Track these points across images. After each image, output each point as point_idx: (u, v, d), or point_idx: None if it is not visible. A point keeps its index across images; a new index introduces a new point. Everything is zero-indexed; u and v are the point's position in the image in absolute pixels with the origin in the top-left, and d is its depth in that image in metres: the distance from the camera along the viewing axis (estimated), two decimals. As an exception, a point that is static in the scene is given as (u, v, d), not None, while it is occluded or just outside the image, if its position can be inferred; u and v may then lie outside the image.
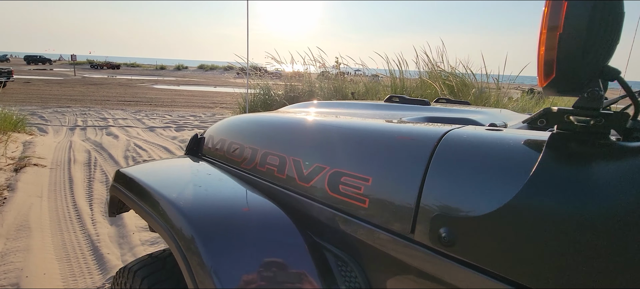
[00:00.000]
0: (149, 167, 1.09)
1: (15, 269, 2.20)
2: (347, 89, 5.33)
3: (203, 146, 1.20)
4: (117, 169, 1.07)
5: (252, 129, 1.03)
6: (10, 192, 3.50)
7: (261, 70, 7.31)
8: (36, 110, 10.53)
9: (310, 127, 0.86)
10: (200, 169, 1.02)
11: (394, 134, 0.67)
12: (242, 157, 0.94)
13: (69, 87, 19.26)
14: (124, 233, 2.88)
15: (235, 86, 24.46)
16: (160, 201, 0.78)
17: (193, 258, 0.63)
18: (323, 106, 1.39)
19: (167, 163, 1.15)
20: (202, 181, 0.91)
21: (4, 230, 2.75)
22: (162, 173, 1.02)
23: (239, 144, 0.98)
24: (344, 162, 0.68)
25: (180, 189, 0.83)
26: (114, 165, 4.95)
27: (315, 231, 0.71)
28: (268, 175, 0.85)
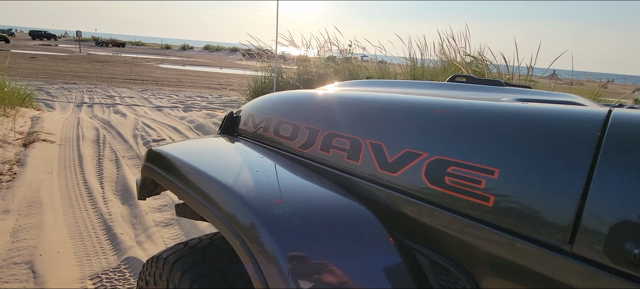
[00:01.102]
0: (188, 147, 0.98)
1: (29, 246, 2.14)
2: (362, 73, 5.17)
3: (239, 125, 1.09)
4: (149, 148, 0.97)
5: (310, 107, 0.91)
6: (20, 168, 3.45)
7: (268, 52, 7.14)
8: (43, 86, 10.44)
9: (395, 106, 0.73)
10: (248, 151, 0.91)
11: (531, 116, 0.55)
12: (296, 138, 0.83)
13: (75, 63, 19.12)
14: (137, 213, 2.81)
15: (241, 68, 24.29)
16: (213, 185, 0.68)
17: (261, 253, 0.53)
18: (379, 84, 1.26)
19: (206, 143, 1.05)
20: (257, 165, 0.81)
21: (15, 205, 2.69)
22: (206, 154, 0.92)
23: (291, 124, 0.87)
24: (453, 149, 0.56)
25: (235, 173, 0.73)
26: (123, 143, 4.88)
27: (400, 228, 0.61)
28: (334, 160, 0.74)
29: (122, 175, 3.64)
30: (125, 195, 3.17)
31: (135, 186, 3.31)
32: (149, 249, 2.30)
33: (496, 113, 0.58)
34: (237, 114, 1.14)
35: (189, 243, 0.88)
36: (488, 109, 0.60)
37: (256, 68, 6.97)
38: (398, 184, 0.61)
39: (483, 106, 0.62)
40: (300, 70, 5.27)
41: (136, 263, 2.12)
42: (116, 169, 3.86)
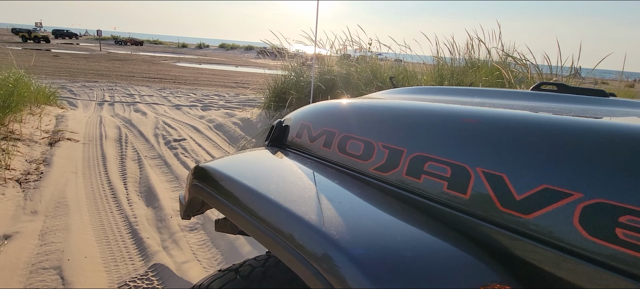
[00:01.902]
0: (241, 164, 0.88)
1: (57, 250, 2.11)
2: (385, 73, 5.01)
3: (289, 136, 0.99)
4: (197, 165, 0.87)
5: (388, 121, 0.77)
6: (46, 167, 3.46)
7: (282, 51, 7.05)
8: (66, 84, 10.68)
9: (514, 126, 0.58)
10: (309, 170, 0.80)
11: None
12: (371, 158, 0.72)
13: (95, 62, 19.56)
14: (162, 216, 2.77)
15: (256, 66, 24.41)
16: (284, 214, 0.57)
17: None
18: (447, 93, 1.11)
19: (258, 158, 0.93)
20: (327, 189, 0.69)
21: (43, 207, 2.68)
22: (264, 173, 0.80)
23: (364, 141, 0.75)
24: (627, 191, 0.42)
25: (304, 198, 0.62)
26: (145, 142, 4.89)
27: (536, 283, 0.49)
28: (428, 189, 0.62)
29: (145, 175, 3.61)
30: (149, 197, 3.13)
31: (158, 188, 3.27)
32: (176, 256, 2.23)
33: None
34: (286, 123, 1.03)
35: (240, 271, 0.78)
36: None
37: (271, 66, 6.89)
38: (532, 229, 0.49)
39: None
40: (322, 70, 5.15)
41: (163, 270, 2.06)
42: (139, 169, 3.84)
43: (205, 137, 5.36)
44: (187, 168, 3.93)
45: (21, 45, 28.05)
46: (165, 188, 3.35)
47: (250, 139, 5.00)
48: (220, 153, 4.61)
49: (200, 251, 2.34)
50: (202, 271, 2.11)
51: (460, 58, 4.30)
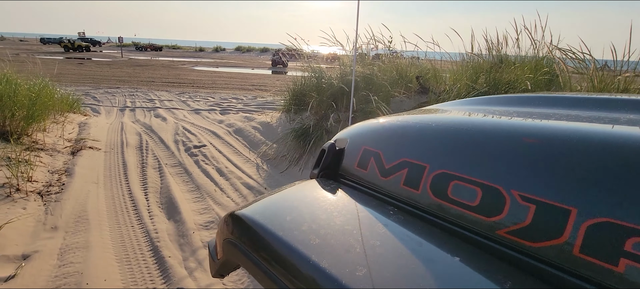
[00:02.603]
0: (289, 211, 0.66)
1: (75, 272, 1.99)
2: (411, 73, 4.74)
3: (347, 164, 0.77)
4: (232, 213, 0.66)
5: (535, 155, 0.52)
6: (68, 178, 3.40)
7: (297, 52, 6.86)
8: (89, 90, 10.89)
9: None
10: (395, 224, 0.58)
11: None
12: (501, 215, 0.50)
13: (117, 68, 20.05)
14: (184, 230, 2.62)
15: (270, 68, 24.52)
16: None
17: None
18: (528, 103, 0.87)
19: (314, 200, 0.70)
20: (431, 264, 0.48)
21: (63, 222, 2.59)
22: (327, 229, 0.58)
23: (481, 185, 0.53)
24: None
25: (396, 279, 0.41)
26: (165, 149, 4.81)
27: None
28: (582, 267, 0.41)
29: (165, 185, 3.50)
30: (170, 209, 3.00)
31: (179, 199, 3.14)
32: (200, 279, 2.07)
33: None
34: (341, 146, 0.81)
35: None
36: None
37: (288, 68, 6.70)
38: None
39: None
40: (343, 71, 4.92)
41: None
42: (159, 178, 3.74)
43: (225, 142, 5.24)
44: (208, 177, 3.80)
45: (64, 55, 29.14)
46: (187, 199, 3.22)
47: (271, 145, 4.83)
48: (241, 160, 4.47)
49: (225, 272, 2.16)
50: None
51: (494, 54, 3.96)
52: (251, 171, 4.08)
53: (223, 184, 3.63)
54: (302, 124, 4.68)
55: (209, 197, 3.28)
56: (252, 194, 3.39)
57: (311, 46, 6.35)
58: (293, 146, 4.45)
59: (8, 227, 2.34)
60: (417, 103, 4.06)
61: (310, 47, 6.28)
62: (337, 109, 4.52)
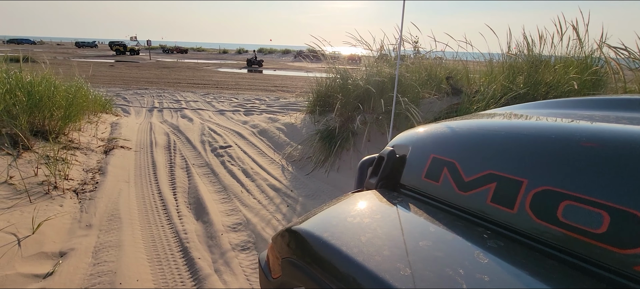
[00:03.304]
0: (351, 229, 0.59)
1: (109, 271, 2.01)
2: (441, 73, 4.57)
3: (409, 174, 0.70)
4: (288, 228, 0.60)
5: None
6: (101, 177, 3.49)
7: (318, 53, 6.81)
8: (120, 92, 11.31)
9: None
10: (482, 253, 0.49)
11: None
12: (610, 234, 0.41)
13: (146, 70, 20.77)
14: (212, 232, 2.61)
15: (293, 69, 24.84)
16: None
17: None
18: (593, 106, 0.76)
19: (381, 215, 0.63)
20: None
21: (97, 220, 2.65)
22: (398, 248, 0.51)
23: (605, 207, 0.43)
24: None
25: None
26: (192, 149, 4.88)
27: None
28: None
29: (193, 185, 3.53)
30: (198, 209, 3.02)
31: (207, 199, 3.15)
32: (230, 282, 2.04)
33: None
34: (402, 153, 0.73)
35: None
36: None
37: (308, 69, 6.67)
38: None
39: None
40: (369, 72, 4.82)
41: (217, 299, 1.87)
42: (187, 178, 3.78)
43: (250, 143, 5.26)
44: (234, 177, 3.81)
45: (115, 58, 30.62)
46: (214, 199, 3.23)
47: (295, 146, 4.80)
48: (266, 161, 4.46)
49: (254, 277, 2.13)
50: (257, 302, 1.90)
51: (534, 52, 3.73)
52: (276, 172, 4.05)
53: (249, 185, 3.62)
54: (327, 126, 4.62)
55: (235, 198, 3.27)
56: (279, 196, 3.35)
57: (332, 47, 6.28)
58: (318, 147, 4.40)
59: (46, 224, 2.41)
60: (449, 105, 3.90)
61: (331, 48, 6.21)
62: (363, 110, 4.43)
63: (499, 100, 3.41)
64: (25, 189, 2.79)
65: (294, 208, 3.11)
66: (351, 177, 3.80)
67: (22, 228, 2.30)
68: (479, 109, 3.28)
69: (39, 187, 2.91)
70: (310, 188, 3.60)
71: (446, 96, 4.15)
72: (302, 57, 37.38)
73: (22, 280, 1.85)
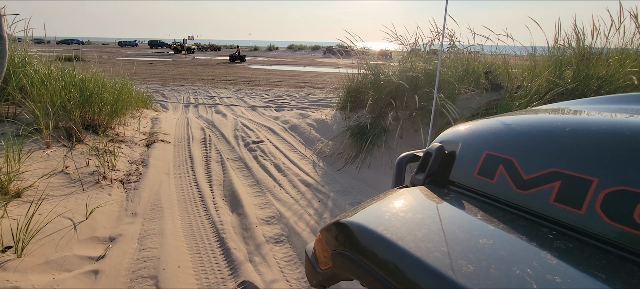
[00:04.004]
0: (406, 223, 0.59)
1: (153, 257, 2.13)
2: (479, 68, 4.37)
3: (460, 170, 0.68)
4: (337, 222, 0.60)
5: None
6: (144, 168, 3.70)
7: (349, 49, 6.74)
8: (159, 88, 11.90)
9: None
10: (546, 254, 0.47)
11: None
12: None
13: (182, 67, 21.69)
14: (247, 224, 2.69)
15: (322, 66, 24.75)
16: None
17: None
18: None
19: (432, 211, 0.62)
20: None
21: (141, 209, 2.81)
22: (459, 245, 0.51)
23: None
24: None
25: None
26: (226, 144, 5.04)
27: None
28: None
29: (228, 179, 3.65)
30: (233, 202, 3.12)
31: (241, 193, 3.24)
32: (264, 273, 2.10)
33: None
34: (452, 149, 0.72)
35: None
36: None
37: (338, 65, 6.64)
38: None
39: None
40: (403, 67, 4.71)
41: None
42: (222, 171, 3.92)
43: (281, 139, 5.35)
44: (266, 172, 3.90)
45: (172, 57, 32.43)
46: (248, 193, 3.32)
47: (326, 142, 4.81)
48: (297, 156, 4.52)
49: (287, 269, 2.17)
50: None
51: (585, 44, 3.45)
52: (308, 167, 4.09)
53: (281, 180, 3.69)
54: (358, 122, 4.59)
55: (268, 192, 3.35)
56: (310, 191, 3.39)
57: (363, 42, 6.20)
58: (349, 144, 4.38)
59: (98, 211, 2.60)
60: (487, 101, 3.74)
61: (362, 43, 6.13)
62: (396, 107, 4.35)
63: (543, 96, 3.21)
64: (79, 178, 3.02)
65: (326, 204, 3.13)
66: (383, 174, 3.76)
67: (77, 214, 2.50)
68: (522, 106, 3.10)
69: (90, 177, 3.14)
70: (341, 184, 3.60)
71: (485, 92, 3.97)
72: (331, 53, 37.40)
73: (78, 261, 2.01)
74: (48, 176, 2.88)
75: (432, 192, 0.68)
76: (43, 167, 3.01)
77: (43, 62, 4.60)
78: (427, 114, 4.06)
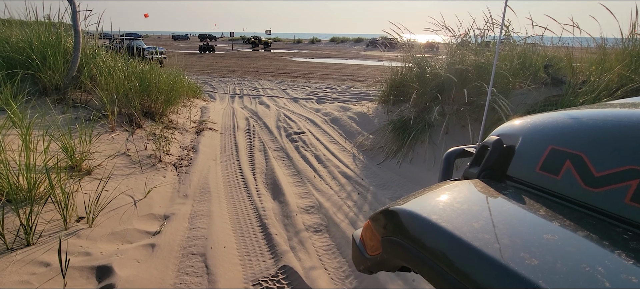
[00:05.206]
0: (473, 217, 0.58)
1: (201, 236, 2.28)
2: (538, 61, 4.03)
3: (519, 165, 0.65)
4: (387, 209, 0.61)
5: None
6: (194, 154, 3.95)
7: (393, 40, 6.54)
8: (207, 79, 12.55)
9: None
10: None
11: None
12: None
13: (228, 60, 22.65)
14: (288, 211, 2.77)
15: (365, 58, 24.45)
16: None
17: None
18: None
19: (493, 203, 0.62)
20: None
21: (192, 191, 3.01)
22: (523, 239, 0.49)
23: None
24: None
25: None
26: (269, 134, 5.20)
27: None
28: None
29: (270, 167, 3.77)
30: (274, 190, 3.22)
31: (282, 181, 3.34)
32: (304, 260, 2.15)
33: None
34: (510, 143, 0.69)
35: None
36: None
37: (381, 58, 6.50)
38: None
39: None
40: (451, 60, 4.50)
41: (292, 274, 1.99)
42: (265, 160, 4.06)
43: (322, 131, 5.39)
44: (307, 163, 3.96)
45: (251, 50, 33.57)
46: (289, 182, 3.41)
47: (367, 136, 4.77)
48: (337, 148, 4.53)
49: (326, 257, 2.21)
50: (329, 283, 1.96)
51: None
52: (348, 160, 4.09)
53: (321, 171, 3.73)
54: (401, 117, 4.48)
55: (309, 182, 3.41)
56: (350, 184, 3.39)
57: (409, 35, 5.99)
58: (391, 138, 4.30)
59: (154, 191, 2.83)
60: (546, 97, 3.44)
61: (408, 35, 5.93)
62: (442, 101, 4.17)
63: (613, 92, 2.89)
64: (138, 160, 3.30)
65: (365, 197, 3.11)
66: (425, 170, 3.65)
67: (137, 193, 2.74)
68: (587, 102, 2.81)
69: (147, 159, 3.42)
70: (381, 178, 3.56)
71: (543, 87, 3.66)
72: (375, 45, 36.66)
73: (138, 234, 2.22)
74: (113, 157, 3.18)
75: (487, 186, 0.65)
76: (109, 149, 3.33)
77: (109, 54, 5.06)
78: (476, 109, 3.85)
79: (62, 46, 4.30)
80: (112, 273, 1.76)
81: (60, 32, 4.47)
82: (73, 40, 4.35)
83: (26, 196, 2.13)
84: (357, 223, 2.60)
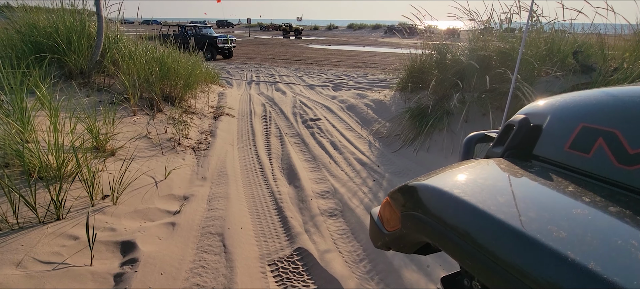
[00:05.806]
0: (496, 192, 0.57)
1: (219, 217, 2.34)
2: (566, 47, 3.85)
3: (546, 143, 0.63)
4: (407, 185, 0.61)
5: None
6: (212, 138, 4.02)
7: (412, 28, 6.38)
8: (224, 66, 12.66)
9: None
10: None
11: None
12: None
13: (245, 46, 22.71)
14: (303, 196, 2.80)
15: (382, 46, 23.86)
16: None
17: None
18: None
19: (521, 182, 0.60)
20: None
21: (210, 174, 3.08)
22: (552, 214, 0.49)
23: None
24: None
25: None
26: (285, 120, 5.22)
27: None
28: None
29: (286, 153, 3.80)
30: (290, 175, 3.25)
31: (298, 167, 3.36)
32: (318, 243, 2.18)
33: None
34: (537, 122, 0.66)
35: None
36: None
37: (399, 45, 6.37)
38: None
39: None
40: (473, 46, 4.35)
41: (307, 256, 2.02)
42: (281, 146, 4.09)
43: (338, 118, 5.37)
44: (323, 149, 3.97)
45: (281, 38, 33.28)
46: (304, 167, 3.43)
47: (383, 123, 4.72)
48: (353, 135, 4.51)
49: (340, 241, 2.23)
50: (344, 266, 1.98)
51: None
52: (363, 147, 4.07)
53: (337, 157, 3.73)
54: (419, 104, 4.40)
55: (324, 168, 3.42)
56: (365, 170, 3.38)
57: (430, 20, 5.81)
58: (408, 125, 4.24)
59: (174, 173, 2.91)
60: (573, 85, 3.30)
61: (428, 21, 5.75)
62: (462, 88, 4.06)
63: (648, 79, 2.73)
64: (159, 143, 3.39)
65: (380, 183, 3.10)
66: (443, 158, 3.59)
67: (158, 174, 2.82)
68: (618, 90, 2.68)
69: (167, 142, 3.51)
70: (397, 166, 3.53)
71: (571, 74, 3.50)
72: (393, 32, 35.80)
73: (159, 213, 2.30)
74: (135, 139, 3.28)
75: (513, 164, 0.63)
76: (131, 131, 3.44)
77: (131, 39, 5.17)
78: (498, 97, 3.74)
79: (86, 31, 4.42)
80: (136, 248, 1.84)
81: (84, 17, 4.59)
82: (96, 26, 4.46)
83: (55, 174, 2.24)
84: (372, 208, 2.60)
